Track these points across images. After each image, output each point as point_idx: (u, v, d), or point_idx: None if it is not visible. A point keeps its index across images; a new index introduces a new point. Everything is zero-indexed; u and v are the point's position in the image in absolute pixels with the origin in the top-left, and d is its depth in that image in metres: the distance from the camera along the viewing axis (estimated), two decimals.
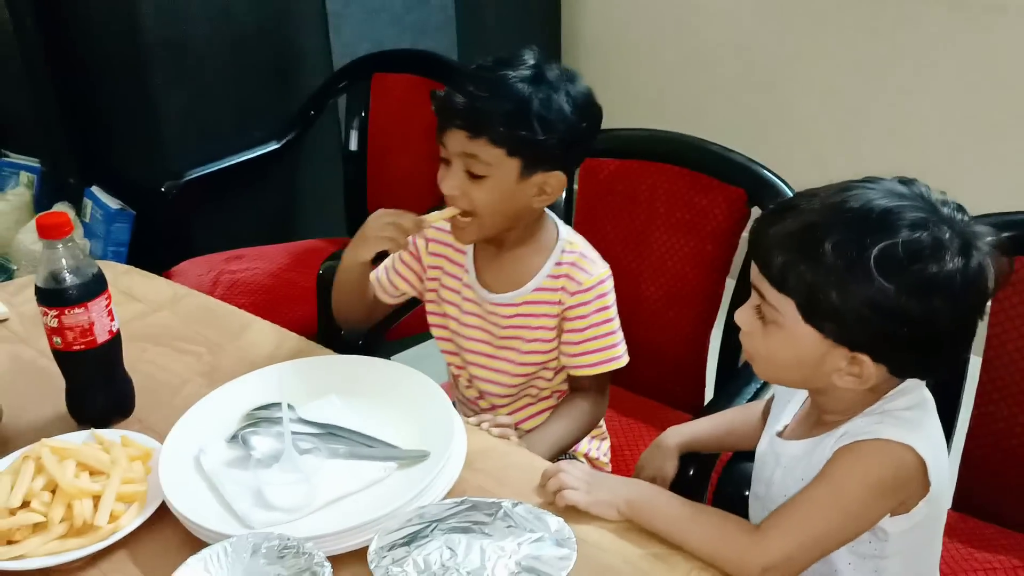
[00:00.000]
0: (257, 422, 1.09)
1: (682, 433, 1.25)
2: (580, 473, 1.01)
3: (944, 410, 1.32)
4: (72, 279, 1.07)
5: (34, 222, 2.68)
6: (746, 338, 0.99)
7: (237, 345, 1.34)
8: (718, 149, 1.57)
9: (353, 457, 1.04)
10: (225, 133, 2.43)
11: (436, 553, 0.87)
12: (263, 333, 1.37)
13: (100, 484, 0.98)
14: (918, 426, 0.93)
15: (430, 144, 2.19)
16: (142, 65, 2.28)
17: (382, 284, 1.39)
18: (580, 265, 1.27)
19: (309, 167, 2.61)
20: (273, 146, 2.44)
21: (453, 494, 0.98)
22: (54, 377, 1.16)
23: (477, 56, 2.93)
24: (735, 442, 1.24)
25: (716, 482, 1.32)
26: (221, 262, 2.20)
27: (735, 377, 1.42)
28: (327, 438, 1.06)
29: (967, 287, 0.86)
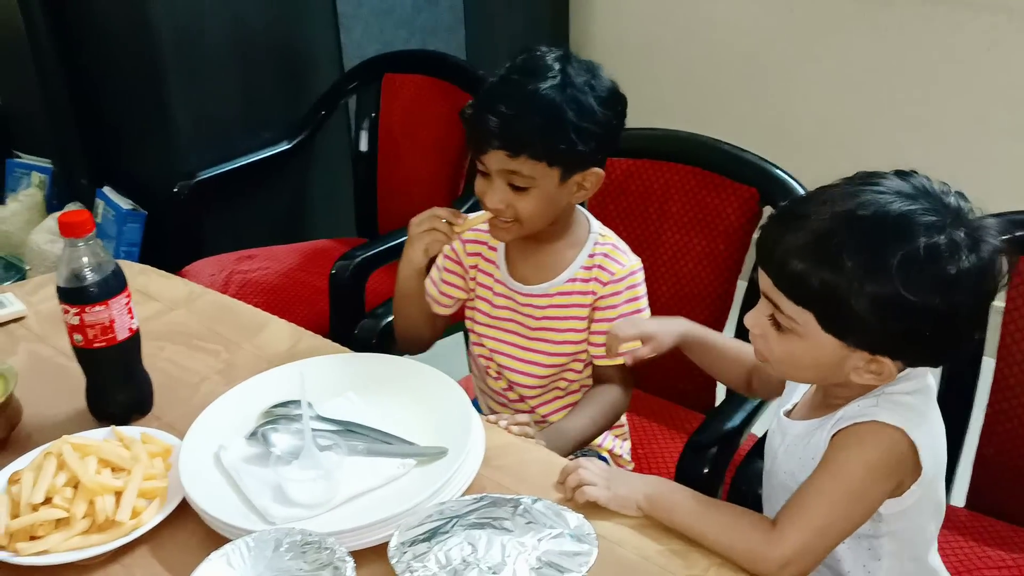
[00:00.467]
0: (276, 419, 1.10)
1: (693, 329, 1.21)
2: (599, 469, 1.01)
3: (958, 409, 1.34)
4: (93, 277, 1.08)
5: (46, 222, 2.71)
6: (759, 340, 0.99)
7: (254, 343, 1.35)
8: (730, 148, 1.58)
9: (372, 454, 1.05)
10: (236, 133, 2.43)
11: (457, 549, 0.87)
12: (279, 331, 1.38)
13: (121, 480, 0.99)
14: (914, 411, 0.94)
15: (439, 145, 2.22)
16: (154, 66, 2.29)
17: (436, 298, 1.41)
18: (613, 256, 1.30)
19: (320, 167, 2.62)
20: (284, 146, 2.45)
21: (472, 491, 0.99)
22: (73, 375, 1.17)
23: (486, 57, 2.93)
24: (723, 367, 1.22)
25: (731, 480, 1.33)
26: (232, 262, 2.21)
27: None
28: (346, 435, 1.06)
29: (983, 278, 0.88)
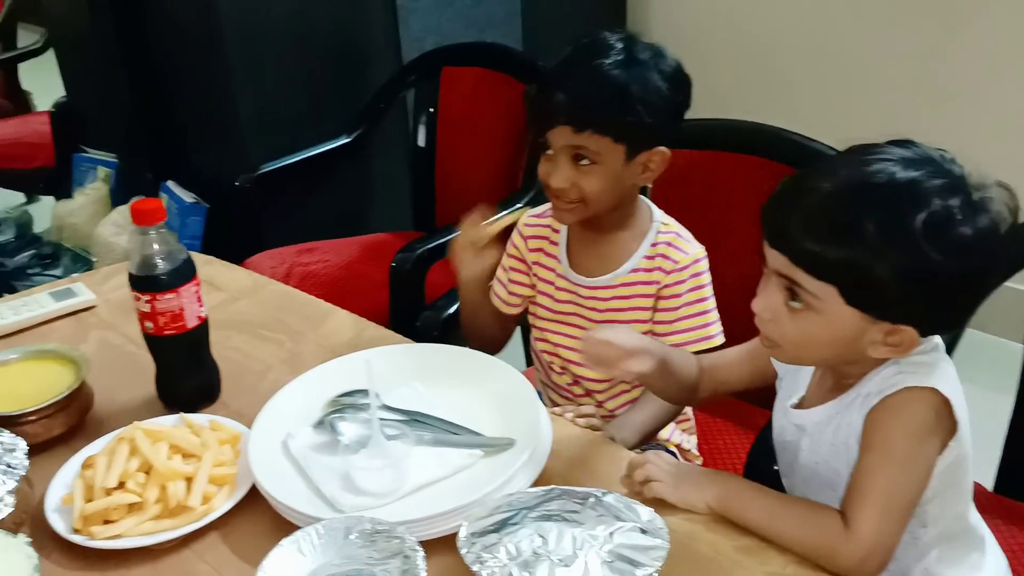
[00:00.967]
0: (342, 408, 1.10)
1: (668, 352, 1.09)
2: (666, 465, 0.99)
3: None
4: (164, 265, 1.09)
5: (111, 215, 2.76)
6: (769, 325, 0.97)
7: (318, 333, 1.35)
8: (798, 138, 1.54)
9: (439, 444, 1.04)
10: (297, 127, 2.46)
11: (527, 540, 0.86)
12: (343, 322, 1.39)
13: (192, 466, 1.00)
14: (934, 368, 0.93)
15: (499, 138, 2.21)
16: (219, 61, 2.32)
17: (505, 299, 1.41)
18: (676, 244, 1.28)
19: (378, 161, 2.63)
20: (343, 140, 2.46)
21: (539, 482, 0.98)
22: (142, 363, 1.19)
23: (543, 49, 2.91)
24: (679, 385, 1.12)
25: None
26: (293, 255, 2.23)
27: None
28: (413, 425, 1.06)
29: (995, 238, 0.87)
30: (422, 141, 2.36)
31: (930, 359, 0.94)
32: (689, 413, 1.42)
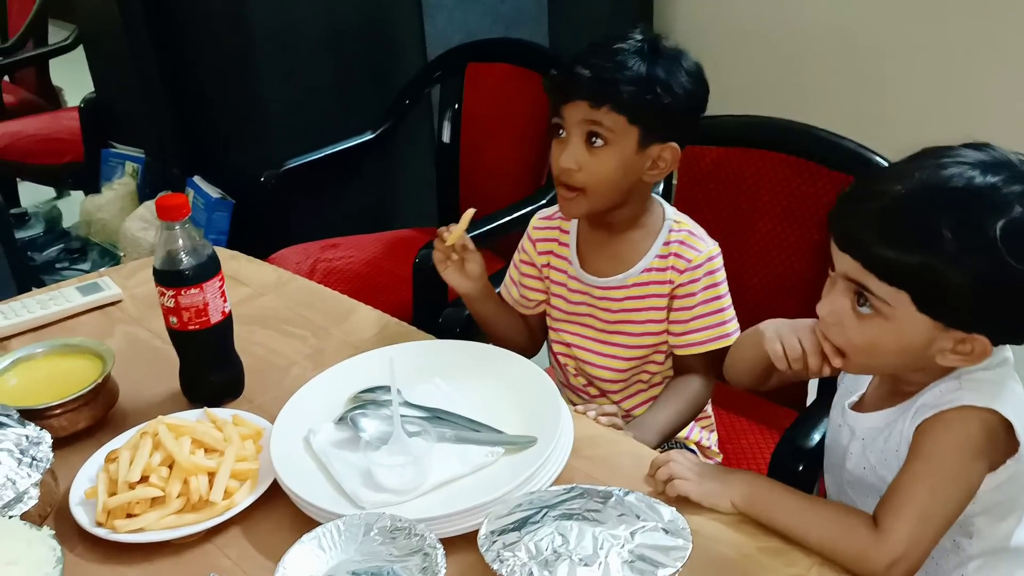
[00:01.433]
0: (364, 404, 1.10)
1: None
2: (691, 463, 0.98)
3: None
4: (188, 260, 1.09)
5: (138, 211, 2.79)
6: (833, 329, 0.94)
7: (342, 329, 1.35)
8: (826, 134, 1.52)
9: (460, 441, 1.04)
10: (322, 123, 2.46)
11: (547, 539, 0.85)
12: (366, 318, 1.39)
13: (215, 461, 1.00)
14: (1000, 386, 0.90)
15: (524, 135, 2.20)
16: (248, 57, 2.33)
17: (518, 301, 1.40)
18: (689, 243, 1.26)
19: (403, 157, 2.63)
20: (368, 136, 2.46)
21: (561, 481, 0.97)
22: (167, 357, 1.19)
23: (569, 46, 2.90)
24: None
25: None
26: (317, 250, 2.23)
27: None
28: (434, 421, 1.05)
29: None
30: (447, 137, 2.36)
31: (995, 376, 0.91)
32: (709, 410, 1.40)
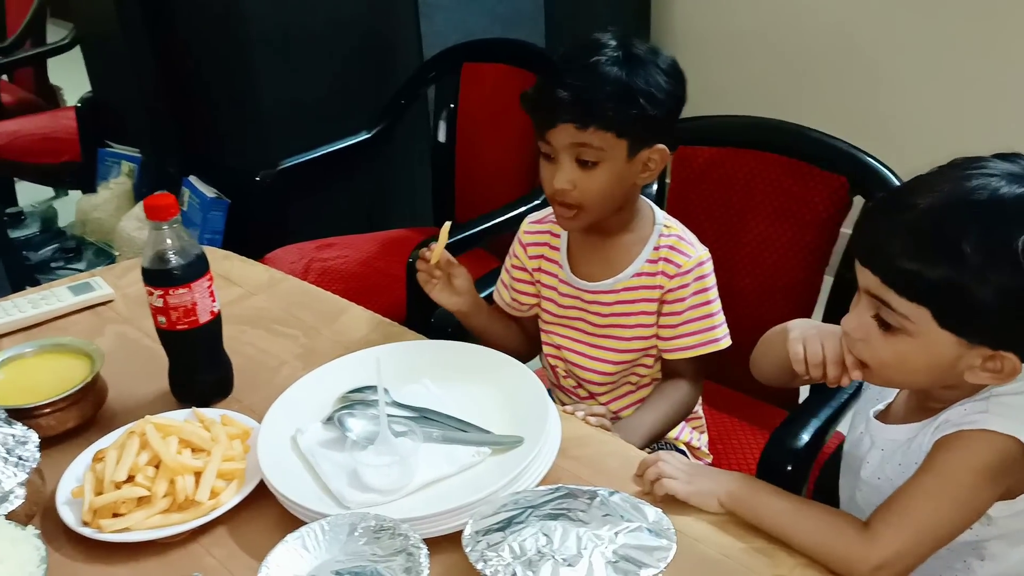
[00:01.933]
0: (352, 404, 1.10)
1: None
2: (679, 463, 0.98)
3: None
4: (177, 260, 1.09)
5: (134, 210, 2.79)
6: (859, 345, 0.93)
7: (332, 329, 1.35)
8: (818, 135, 1.52)
9: (447, 441, 1.04)
10: (317, 123, 2.46)
11: (531, 539, 0.85)
12: (357, 318, 1.39)
13: (201, 461, 1.00)
14: None
15: (519, 134, 2.20)
16: (244, 57, 2.34)
17: (511, 304, 1.41)
18: (678, 248, 1.26)
19: (398, 157, 2.63)
20: (364, 136, 2.46)
21: (547, 481, 0.97)
22: (157, 357, 1.19)
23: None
24: None
25: (815, 478, 1.28)
26: (312, 250, 2.23)
27: None
28: (421, 422, 1.05)
29: None
30: (442, 137, 2.36)
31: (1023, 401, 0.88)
32: (699, 411, 1.41)
